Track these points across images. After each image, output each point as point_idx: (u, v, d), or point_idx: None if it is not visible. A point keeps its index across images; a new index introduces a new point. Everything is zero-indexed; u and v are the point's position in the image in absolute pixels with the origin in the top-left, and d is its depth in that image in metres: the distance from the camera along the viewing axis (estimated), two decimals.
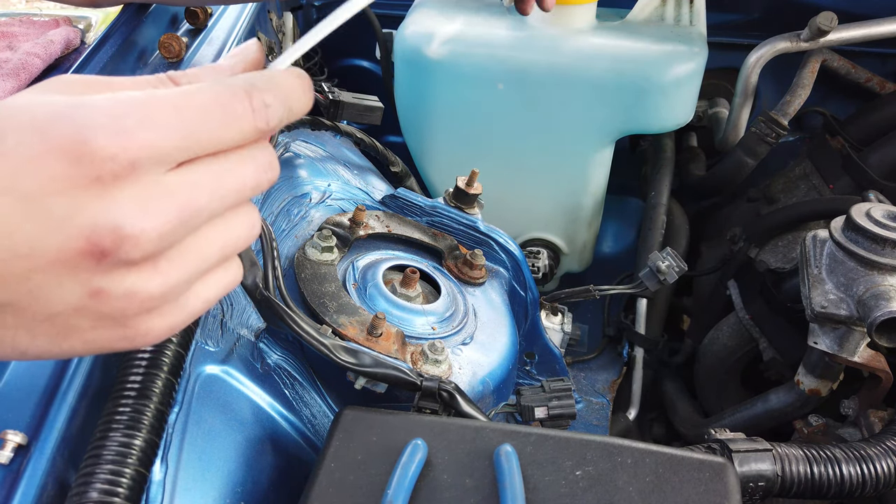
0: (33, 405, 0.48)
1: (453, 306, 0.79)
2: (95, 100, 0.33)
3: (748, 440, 0.69)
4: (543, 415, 0.74)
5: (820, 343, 0.90)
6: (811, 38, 1.30)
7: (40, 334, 0.35)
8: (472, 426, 0.55)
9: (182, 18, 1.05)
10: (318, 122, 1.01)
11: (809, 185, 1.33)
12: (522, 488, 0.49)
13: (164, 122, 0.33)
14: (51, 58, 0.83)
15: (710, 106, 1.55)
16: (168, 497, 0.51)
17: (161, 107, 0.33)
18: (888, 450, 0.71)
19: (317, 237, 0.78)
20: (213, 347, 0.63)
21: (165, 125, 0.32)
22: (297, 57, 0.41)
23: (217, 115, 0.34)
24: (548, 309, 1.08)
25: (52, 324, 0.35)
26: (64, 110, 0.32)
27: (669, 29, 1.25)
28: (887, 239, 0.83)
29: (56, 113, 0.32)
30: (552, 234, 1.40)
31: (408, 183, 1.15)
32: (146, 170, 0.32)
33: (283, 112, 0.37)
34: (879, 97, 1.37)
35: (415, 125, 1.34)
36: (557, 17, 1.21)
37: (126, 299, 0.34)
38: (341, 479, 0.51)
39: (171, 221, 0.33)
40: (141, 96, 0.33)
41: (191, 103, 0.34)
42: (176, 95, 0.34)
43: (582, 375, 1.32)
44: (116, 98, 0.33)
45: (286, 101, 0.37)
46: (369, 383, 0.64)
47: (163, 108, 0.33)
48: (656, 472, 0.52)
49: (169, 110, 0.33)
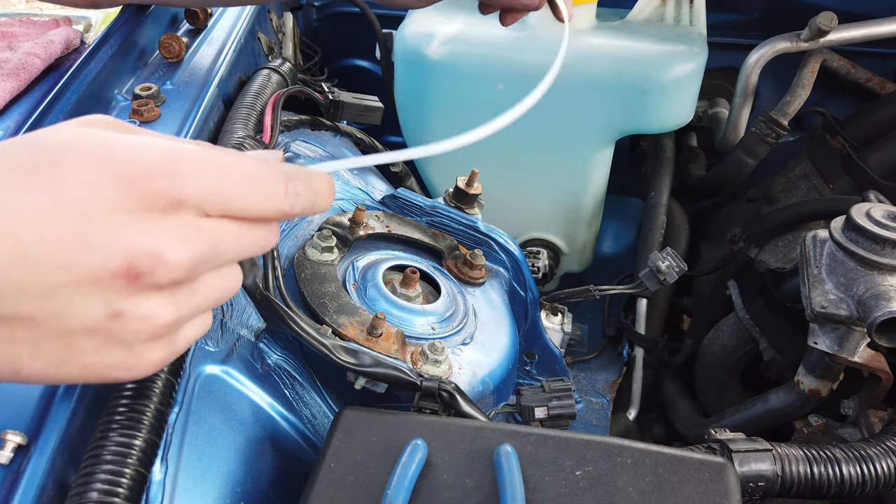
0: (33, 405, 0.49)
1: (453, 306, 0.79)
2: (156, 143, 0.37)
3: (748, 440, 0.69)
4: (543, 415, 0.73)
5: (820, 343, 0.90)
6: (811, 38, 1.30)
7: (43, 354, 0.36)
8: (472, 426, 0.55)
9: (182, 18, 1.05)
10: (318, 122, 1.01)
11: (809, 185, 1.33)
12: (522, 488, 0.49)
13: (211, 178, 0.37)
14: (51, 58, 0.83)
15: (710, 106, 1.55)
16: (168, 497, 0.51)
17: (212, 165, 0.38)
18: (888, 450, 0.71)
19: (317, 237, 0.78)
20: (213, 347, 0.63)
21: (211, 181, 0.37)
22: (336, 168, 0.47)
23: (257, 187, 0.39)
24: (548, 309, 1.08)
25: (59, 343, 0.36)
26: (127, 145, 0.36)
27: (669, 29, 1.25)
28: (887, 239, 0.83)
29: (119, 146, 0.36)
30: (552, 234, 1.40)
31: (408, 183, 1.15)
32: (187, 211, 0.37)
33: (308, 204, 0.42)
34: (879, 97, 1.37)
35: (415, 125, 1.34)
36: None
37: (141, 322, 0.37)
38: (341, 479, 0.51)
39: (200, 255, 0.37)
40: (196, 150, 0.38)
41: (239, 171, 0.39)
42: (227, 159, 0.39)
43: (582, 375, 1.32)
44: (174, 146, 0.37)
45: (313, 197, 0.42)
46: (369, 383, 0.64)
47: (213, 166, 0.38)
48: (656, 472, 0.52)
49: (217, 170, 0.38)
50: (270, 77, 0.94)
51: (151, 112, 0.81)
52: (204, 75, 0.91)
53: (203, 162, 0.37)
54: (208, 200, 0.37)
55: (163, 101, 0.84)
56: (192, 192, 0.36)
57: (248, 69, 1.03)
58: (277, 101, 0.88)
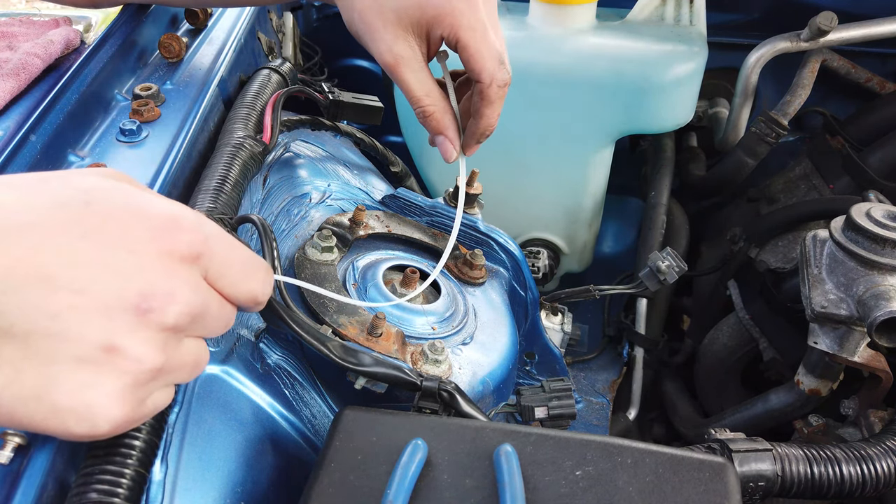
0: None
1: (453, 306, 0.79)
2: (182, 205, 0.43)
3: (748, 440, 0.69)
4: (543, 415, 0.73)
5: (820, 343, 0.90)
6: (811, 38, 1.30)
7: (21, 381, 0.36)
8: (472, 426, 0.55)
9: (182, 18, 1.05)
10: (318, 122, 1.01)
11: (809, 185, 1.33)
12: (522, 488, 0.49)
13: (223, 245, 0.43)
14: (51, 58, 0.83)
15: (710, 106, 1.55)
16: (168, 497, 0.51)
17: (226, 236, 0.44)
18: (888, 450, 0.71)
19: (317, 237, 0.78)
20: (214, 347, 0.63)
21: (223, 247, 0.43)
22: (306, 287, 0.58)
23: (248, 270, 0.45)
24: (548, 309, 1.08)
25: (42, 372, 0.36)
26: (158, 199, 0.41)
27: (669, 29, 1.25)
28: (887, 239, 0.83)
29: (152, 199, 0.41)
30: (552, 234, 1.40)
31: (408, 183, 1.15)
32: (200, 265, 0.41)
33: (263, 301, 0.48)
34: (879, 97, 1.37)
35: (415, 125, 1.34)
36: (557, 17, 1.21)
37: (132, 362, 0.38)
38: (341, 479, 0.51)
39: (200, 308, 0.41)
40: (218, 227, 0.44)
41: (241, 249, 0.45)
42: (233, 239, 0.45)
43: (582, 375, 1.32)
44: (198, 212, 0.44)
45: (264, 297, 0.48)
46: (369, 383, 0.64)
47: (226, 237, 0.44)
48: (656, 472, 0.52)
49: (228, 241, 0.44)
50: (270, 77, 0.94)
51: (151, 112, 0.81)
52: (204, 75, 0.91)
53: (220, 231, 0.43)
54: (215, 264, 0.42)
55: (163, 101, 0.84)
56: (208, 250, 0.41)
57: (248, 69, 1.03)
58: (277, 101, 0.88)
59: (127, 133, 0.77)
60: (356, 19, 0.66)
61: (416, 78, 0.66)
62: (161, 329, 0.39)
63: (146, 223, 0.39)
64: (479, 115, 0.68)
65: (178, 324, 0.39)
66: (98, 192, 0.39)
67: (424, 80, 0.67)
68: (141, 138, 0.77)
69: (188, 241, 0.39)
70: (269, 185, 0.87)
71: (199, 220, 0.41)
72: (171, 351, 0.40)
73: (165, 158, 0.74)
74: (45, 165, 0.70)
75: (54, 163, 0.72)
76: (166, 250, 0.39)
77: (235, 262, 0.44)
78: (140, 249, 0.38)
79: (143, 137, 0.77)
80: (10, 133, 0.69)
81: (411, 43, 0.65)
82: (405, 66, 0.65)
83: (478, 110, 0.68)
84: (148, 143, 0.77)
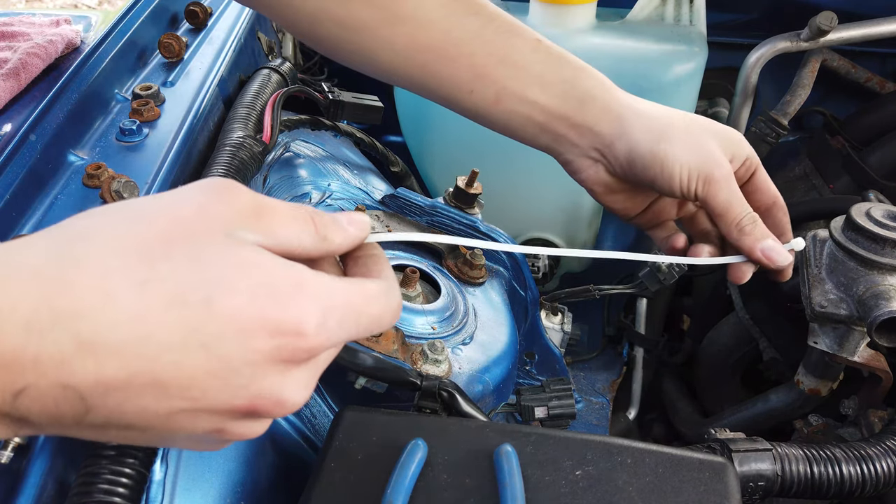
0: None
1: (453, 306, 0.79)
2: (313, 288, 0.37)
3: (748, 440, 0.69)
4: (543, 415, 0.74)
5: (820, 343, 0.90)
6: (811, 37, 1.30)
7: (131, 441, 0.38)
8: (472, 426, 0.55)
9: (182, 18, 1.05)
10: (318, 122, 1.01)
11: (809, 185, 1.33)
12: (522, 488, 0.49)
13: (347, 329, 0.38)
14: (51, 58, 0.83)
15: (709, 106, 1.55)
16: (168, 497, 0.51)
17: (351, 315, 0.38)
18: (888, 450, 0.71)
19: None
20: None
21: (346, 331, 0.38)
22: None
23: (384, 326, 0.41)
24: (548, 309, 1.08)
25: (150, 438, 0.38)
26: (286, 287, 0.36)
27: (669, 29, 1.25)
28: (887, 239, 0.82)
29: (278, 286, 0.36)
30: (552, 233, 1.39)
31: (408, 183, 1.15)
32: (317, 361, 0.39)
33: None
34: (879, 97, 1.37)
35: (415, 125, 1.34)
36: (557, 17, 1.20)
37: (234, 436, 0.39)
38: (341, 479, 0.51)
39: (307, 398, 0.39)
40: (343, 298, 0.38)
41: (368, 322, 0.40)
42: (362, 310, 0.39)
43: (582, 375, 1.32)
44: (329, 292, 0.37)
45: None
46: (369, 383, 0.64)
47: (350, 316, 0.38)
48: (656, 472, 0.52)
49: (353, 321, 0.39)
50: (270, 77, 0.94)
51: (151, 112, 0.81)
52: (204, 75, 0.91)
53: (345, 310, 0.38)
54: (336, 349, 0.40)
55: (163, 100, 0.84)
56: (330, 344, 0.38)
57: (248, 69, 1.03)
58: (277, 101, 0.88)
59: (127, 133, 0.77)
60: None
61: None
62: (265, 419, 0.39)
63: (269, 334, 0.35)
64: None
65: (281, 415, 0.39)
66: (220, 281, 0.35)
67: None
68: (141, 138, 0.77)
69: (306, 348, 0.36)
70: (269, 185, 0.87)
71: (325, 316, 0.37)
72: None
73: (165, 158, 0.74)
74: (45, 165, 0.70)
75: (54, 163, 0.72)
76: (282, 358, 0.36)
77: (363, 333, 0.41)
78: (258, 360, 0.35)
79: (143, 137, 0.78)
80: (10, 133, 0.69)
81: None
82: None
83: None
84: (148, 142, 0.77)
